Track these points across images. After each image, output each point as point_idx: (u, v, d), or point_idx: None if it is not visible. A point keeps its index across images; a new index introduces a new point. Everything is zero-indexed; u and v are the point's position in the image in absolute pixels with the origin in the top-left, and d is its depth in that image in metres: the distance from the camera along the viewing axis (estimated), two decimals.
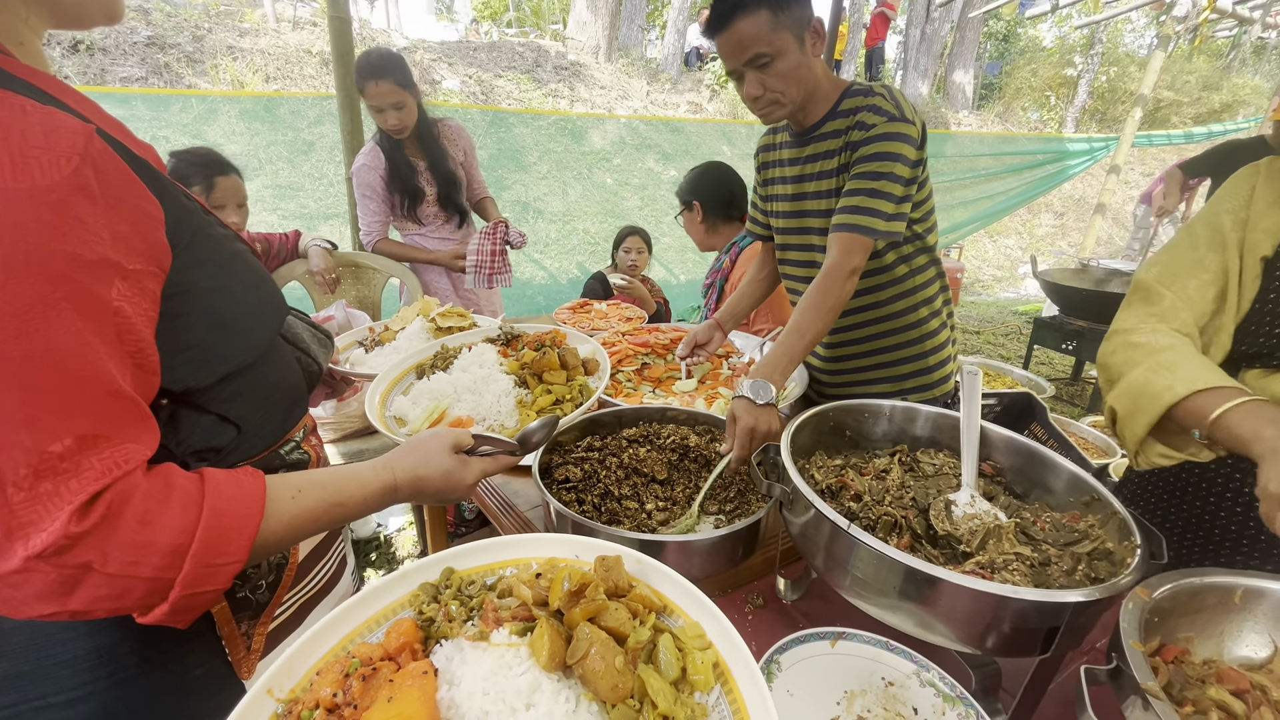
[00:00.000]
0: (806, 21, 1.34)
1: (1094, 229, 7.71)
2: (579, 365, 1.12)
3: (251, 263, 0.75)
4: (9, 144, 0.47)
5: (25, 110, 0.49)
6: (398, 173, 2.48)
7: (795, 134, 1.53)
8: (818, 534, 0.84)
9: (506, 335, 1.23)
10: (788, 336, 1.30)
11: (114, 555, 0.51)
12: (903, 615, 0.76)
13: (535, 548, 0.73)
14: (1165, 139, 10.16)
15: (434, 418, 1.02)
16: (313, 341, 0.90)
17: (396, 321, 1.43)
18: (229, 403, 0.68)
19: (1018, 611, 0.68)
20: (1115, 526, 0.83)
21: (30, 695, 0.61)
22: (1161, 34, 6.91)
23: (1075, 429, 3.11)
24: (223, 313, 0.66)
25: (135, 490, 0.53)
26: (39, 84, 0.56)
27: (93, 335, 0.51)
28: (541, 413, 1.00)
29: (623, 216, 6.71)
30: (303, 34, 7.38)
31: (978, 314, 7.21)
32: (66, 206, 0.49)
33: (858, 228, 1.33)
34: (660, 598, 0.67)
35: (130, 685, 0.65)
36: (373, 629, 0.64)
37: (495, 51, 8.88)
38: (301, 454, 0.83)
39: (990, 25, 15.57)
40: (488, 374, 1.09)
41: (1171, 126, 13.11)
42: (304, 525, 0.66)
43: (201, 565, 0.55)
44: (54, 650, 0.62)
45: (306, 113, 5.56)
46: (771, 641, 0.89)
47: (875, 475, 1.00)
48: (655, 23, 15.45)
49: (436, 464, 0.77)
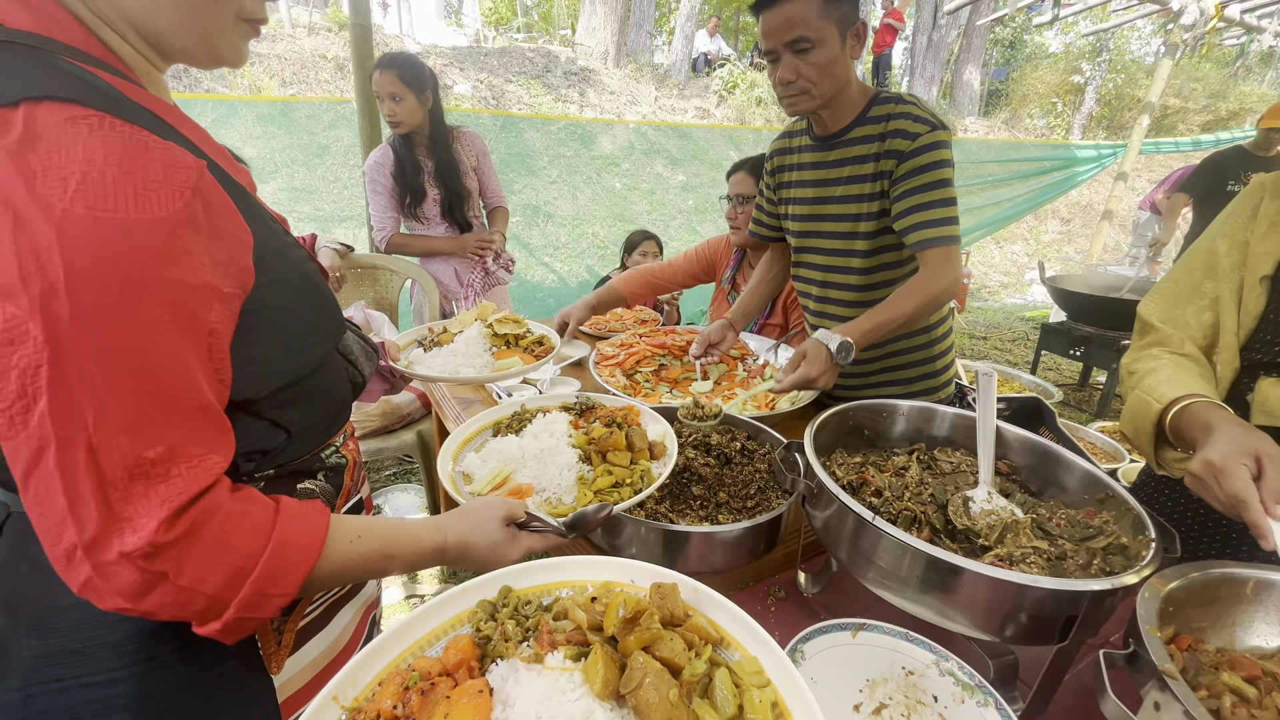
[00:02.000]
0: (852, 21, 1.36)
1: (1101, 235, 7.71)
2: (645, 449, 1.09)
3: (319, 283, 0.78)
4: (133, 178, 0.52)
5: (148, 146, 0.54)
6: (403, 169, 2.56)
7: (819, 137, 1.54)
8: (842, 527, 0.87)
9: (582, 406, 1.21)
10: (880, 309, 1.35)
11: (187, 569, 0.55)
12: (924, 605, 0.79)
13: (591, 570, 0.73)
14: (1173, 146, 10.15)
15: (497, 481, 1.01)
16: (360, 354, 0.93)
17: (455, 324, 1.45)
18: (281, 409, 0.71)
19: (1036, 600, 0.71)
20: (1129, 522, 0.86)
21: (76, 672, 0.64)
22: (1169, 41, 6.92)
23: (1084, 434, 3.13)
24: (287, 330, 0.69)
25: (218, 509, 0.58)
26: (161, 114, 0.61)
27: (190, 354, 0.56)
28: (600, 494, 0.97)
29: (632, 220, 6.76)
30: (318, 39, 7.48)
31: (984, 319, 7.22)
32: (177, 236, 0.54)
33: (947, 239, 1.36)
34: (716, 629, 0.65)
35: (167, 671, 0.67)
36: (432, 643, 0.65)
37: (506, 57, 8.97)
38: (340, 458, 0.86)
39: (997, 32, 15.60)
40: (556, 444, 1.07)
41: (1179, 134, 13.09)
42: (354, 570, 0.69)
43: (258, 592, 0.59)
44: (101, 631, 0.64)
45: (322, 117, 5.64)
46: (793, 632, 0.92)
47: (894, 472, 1.03)
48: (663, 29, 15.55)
49: (486, 534, 0.78)
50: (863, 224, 1.51)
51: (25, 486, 0.52)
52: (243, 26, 0.66)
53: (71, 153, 0.50)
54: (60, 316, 0.49)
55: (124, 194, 0.51)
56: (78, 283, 0.49)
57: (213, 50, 0.65)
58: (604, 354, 1.80)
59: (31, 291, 0.48)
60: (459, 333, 1.42)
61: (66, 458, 0.51)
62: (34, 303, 0.48)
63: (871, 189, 1.46)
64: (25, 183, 0.48)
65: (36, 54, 0.54)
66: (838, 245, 1.58)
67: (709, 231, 7.12)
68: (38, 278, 0.48)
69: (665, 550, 1.01)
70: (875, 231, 1.50)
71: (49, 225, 0.48)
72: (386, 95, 2.42)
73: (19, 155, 0.48)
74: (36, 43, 0.55)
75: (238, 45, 0.67)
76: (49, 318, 0.49)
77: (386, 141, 2.61)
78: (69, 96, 0.51)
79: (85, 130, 0.51)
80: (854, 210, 1.51)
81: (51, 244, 0.48)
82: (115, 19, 0.60)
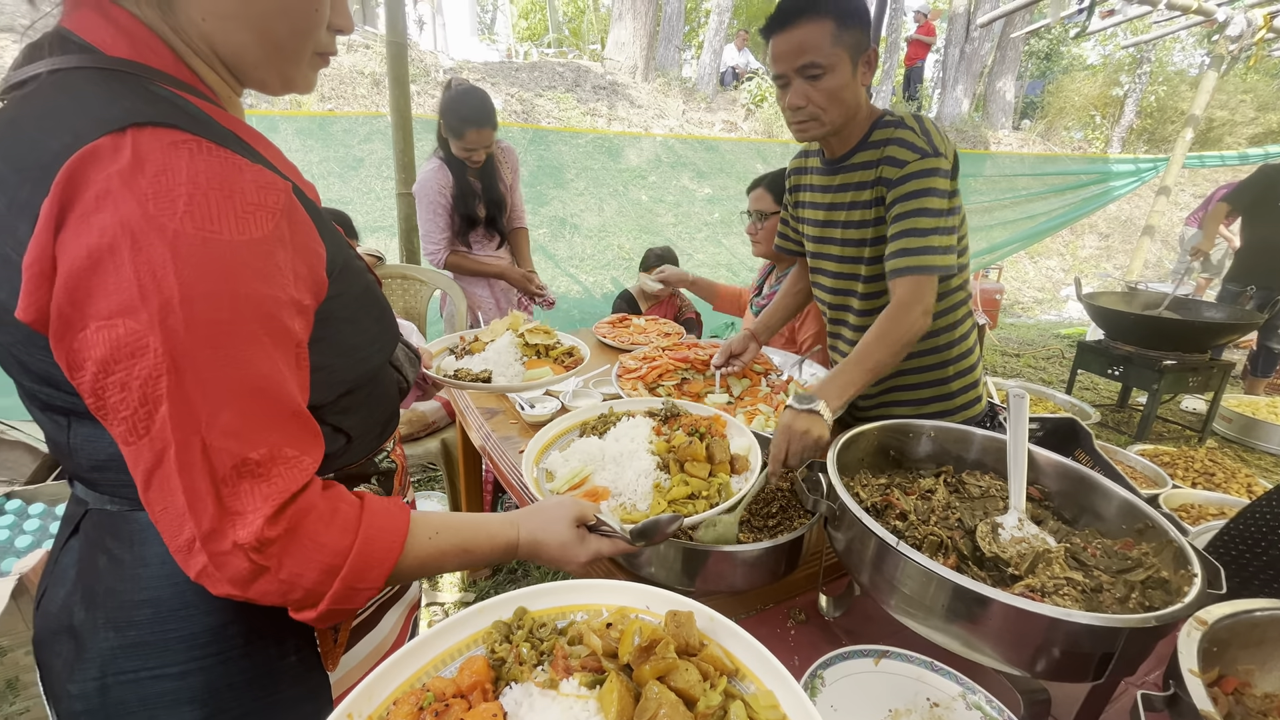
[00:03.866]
0: (864, 48, 1.35)
1: (1141, 251, 7.48)
2: (726, 461, 1.05)
3: (378, 294, 0.82)
4: (233, 201, 0.56)
5: (242, 169, 0.57)
6: (463, 196, 2.63)
7: (826, 161, 1.54)
8: (864, 550, 0.85)
9: (667, 412, 1.18)
10: (847, 362, 1.31)
11: (286, 564, 0.59)
12: (951, 635, 0.77)
13: (607, 594, 0.73)
14: (1218, 160, 9.81)
15: (576, 480, 1.02)
16: (405, 361, 0.96)
17: (486, 334, 1.47)
18: (342, 415, 0.75)
19: (1071, 635, 0.68)
20: (1171, 555, 0.82)
21: (150, 665, 0.66)
22: (1214, 53, 6.72)
23: (1123, 457, 3.01)
24: (350, 340, 0.73)
25: (312, 508, 0.61)
26: (244, 136, 0.66)
27: (283, 363, 0.60)
28: (674, 504, 0.95)
29: (657, 233, 6.78)
30: (356, 56, 7.72)
31: (1017, 336, 7.04)
32: (271, 255, 0.58)
33: (918, 268, 1.33)
34: (732, 659, 0.65)
35: (233, 665, 0.69)
36: (447, 663, 0.66)
37: (536, 71, 9.13)
38: (390, 462, 0.89)
39: (1032, 44, 15.33)
40: (635, 449, 1.06)
41: (1225, 147, 12.65)
42: (433, 564, 0.72)
43: (347, 587, 0.63)
44: (174, 625, 0.67)
45: (357, 130, 5.80)
46: (813, 657, 0.90)
47: (920, 495, 1.00)
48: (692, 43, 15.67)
49: (556, 533, 0.80)
50: (866, 249, 1.50)
51: (148, 485, 0.56)
52: (316, 60, 0.71)
53: (177, 175, 0.53)
54: (176, 329, 0.52)
55: (227, 216, 0.55)
56: (191, 297, 0.53)
57: (288, 81, 0.70)
58: (626, 367, 1.80)
59: (150, 307, 0.52)
60: (490, 342, 1.44)
61: (185, 458, 0.54)
62: (153, 317, 0.52)
63: (871, 215, 1.46)
64: (139, 204, 0.51)
65: (136, 80, 0.58)
66: (844, 269, 1.59)
67: (734, 245, 7.10)
68: (155, 294, 0.52)
69: (684, 568, 1.00)
70: (875, 258, 1.48)
71: (164, 245, 0.52)
72: (482, 148, 2.52)
73: (131, 178, 0.51)
74: (135, 70, 0.59)
75: (310, 76, 0.72)
76: (166, 330, 0.52)
77: (439, 159, 2.63)
78: (169, 122, 0.55)
79: (186, 155, 0.54)
80: (856, 235, 1.51)
81: (166, 262, 0.52)
82: (204, 49, 0.64)
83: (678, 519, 0.84)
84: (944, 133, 1.41)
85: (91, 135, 0.52)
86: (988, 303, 6.79)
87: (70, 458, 0.66)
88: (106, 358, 0.52)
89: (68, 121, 0.53)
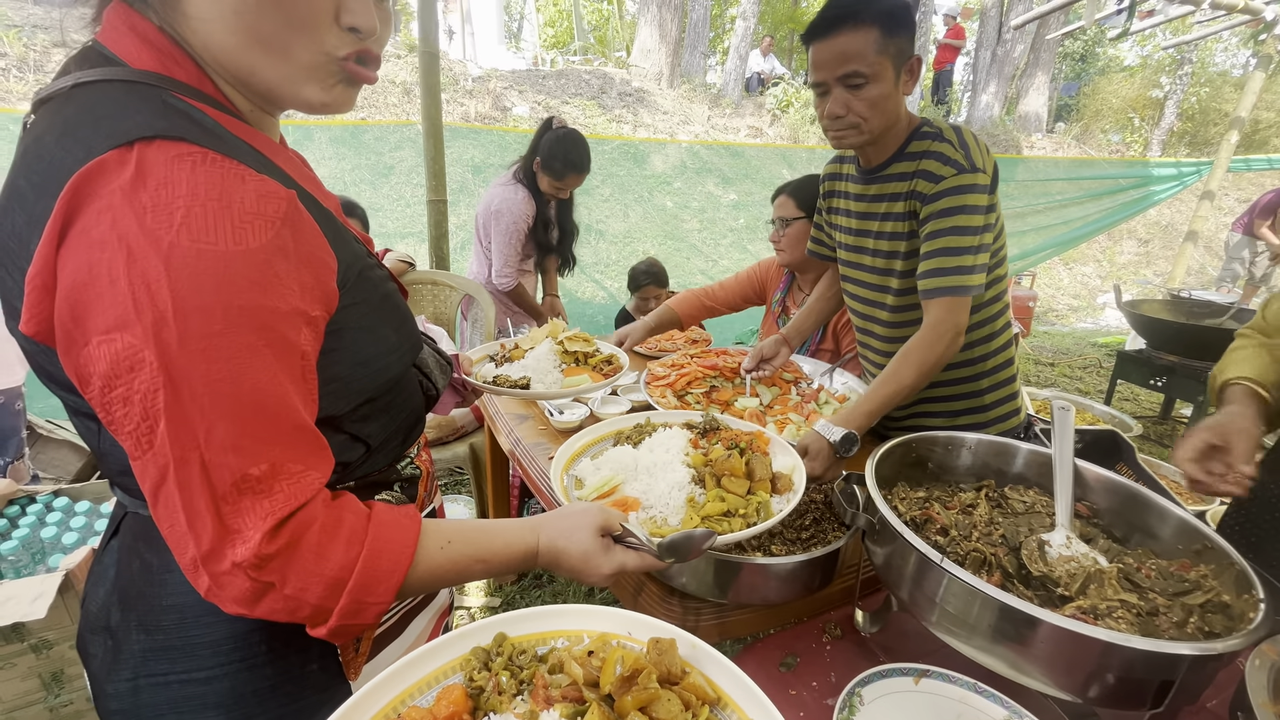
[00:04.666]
0: (908, 56, 1.32)
1: (1184, 257, 7.22)
2: (766, 479, 1.00)
3: (398, 303, 0.80)
4: (230, 211, 0.54)
5: (244, 179, 0.56)
6: (544, 225, 2.80)
7: (862, 170, 1.51)
8: (904, 566, 0.83)
9: (706, 425, 1.14)
10: (878, 385, 1.29)
11: (290, 579, 0.58)
12: (996, 656, 0.74)
13: (588, 620, 0.71)
14: (1265, 163, 9.45)
15: (605, 489, 0.98)
16: (435, 368, 0.94)
17: (526, 341, 1.48)
18: (361, 424, 0.73)
19: (1127, 661, 0.65)
20: (1232, 578, 0.78)
21: (178, 669, 0.67)
22: (1260, 53, 6.48)
23: (1166, 471, 2.90)
24: (367, 350, 0.71)
25: (314, 521, 0.60)
26: (259, 147, 0.64)
27: (285, 376, 0.58)
28: (707, 520, 0.90)
29: (682, 239, 6.78)
30: (388, 66, 7.89)
31: (1052, 345, 6.85)
32: (270, 265, 0.57)
33: (952, 289, 1.31)
34: (714, 688, 0.64)
35: (258, 671, 0.69)
36: (424, 690, 0.64)
37: (563, 79, 9.23)
38: (414, 469, 0.88)
39: (1066, 45, 14.98)
40: (670, 460, 1.01)
41: (1272, 149, 12.19)
42: (447, 575, 0.70)
43: (355, 601, 0.61)
44: (199, 631, 0.67)
45: (388, 139, 5.93)
46: (849, 674, 0.87)
47: (961, 509, 0.97)
48: (717, 49, 15.67)
49: (578, 541, 0.76)
50: (898, 262, 1.47)
51: (155, 502, 0.56)
52: (339, 69, 0.64)
53: (177, 188, 0.52)
54: (170, 344, 0.52)
55: (223, 226, 0.54)
56: (184, 311, 0.52)
57: (301, 97, 0.64)
58: (655, 374, 1.80)
59: (145, 321, 0.51)
60: (530, 349, 1.45)
61: (183, 475, 0.54)
62: (147, 331, 0.51)
63: (904, 228, 1.43)
64: (137, 218, 0.51)
65: (155, 92, 0.58)
66: (875, 280, 1.56)
67: (760, 250, 7.06)
68: (149, 308, 0.51)
69: (716, 580, 0.99)
70: (907, 271, 1.45)
71: (158, 258, 0.51)
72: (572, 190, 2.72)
73: (132, 193, 0.51)
74: (155, 81, 0.59)
75: (338, 91, 0.65)
76: (161, 345, 0.51)
77: (520, 184, 2.73)
78: (176, 134, 0.54)
79: (189, 166, 0.53)
80: (888, 248, 1.48)
81: (160, 275, 0.51)
82: (211, 61, 0.63)
83: (711, 535, 0.78)
84: (983, 144, 1.37)
85: (101, 149, 0.51)
86: (1020, 310, 6.62)
87: (103, 461, 0.67)
88: (108, 373, 0.52)
89: (83, 136, 0.53)
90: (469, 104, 7.75)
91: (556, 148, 2.61)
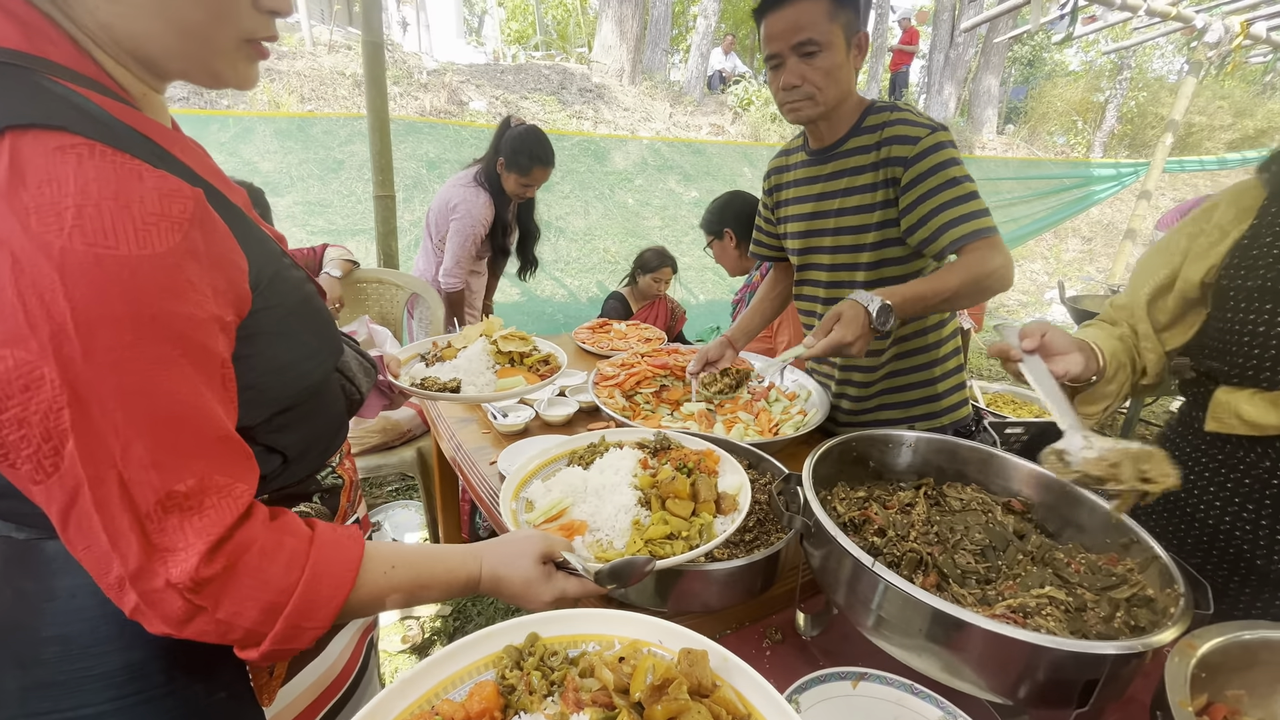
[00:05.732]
0: (856, 29, 1.34)
1: (1124, 255, 7.55)
2: (711, 500, 0.99)
3: (318, 306, 0.76)
4: (130, 211, 0.50)
5: (142, 175, 0.52)
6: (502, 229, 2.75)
7: (814, 152, 1.51)
8: (840, 570, 0.81)
9: (658, 444, 1.11)
10: (923, 280, 1.27)
11: (224, 604, 0.56)
12: (929, 659, 0.73)
13: (620, 626, 0.71)
14: (1198, 165, 9.93)
15: (554, 513, 0.97)
16: (359, 371, 0.91)
17: (459, 340, 1.40)
18: (277, 434, 0.69)
19: (1054, 662, 0.64)
20: (1156, 571, 0.79)
21: (62, 705, 0.62)
22: (1193, 59, 6.81)
23: None
24: (283, 356, 0.68)
25: (253, 543, 0.57)
26: (155, 137, 0.59)
27: (205, 386, 0.55)
28: (650, 544, 0.90)
29: (643, 236, 6.75)
30: (337, 57, 7.63)
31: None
32: (180, 270, 0.53)
33: (982, 231, 1.26)
34: (744, 703, 0.62)
35: (155, 705, 0.65)
36: (457, 685, 0.65)
37: (522, 74, 9.08)
38: (336, 479, 0.84)
39: (1015, 50, 15.51)
40: (619, 482, 1.00)
41: (1204, 152, 12.85)
42: (386, 601, 0.68)
43: (291, 626, 0.59)
44: (88, 663, 0.62)
45: (338, 132, 5.72)
46: (789, 679, 0.85)
47: (900, 509, 0.97)
48: (679, 46, 15.70)
49: (519, 569, 0.76)
50: (866, 235, 1.46)
51: (65, 526, 0.52)
52: (247, 49, 0.63)
53: (64, 185, 0.48)
54: (73, 358, 0.48)
55: (123, 229, 0.49)
56: (86, 322, 0.48)
57: (215, 74, 0.62)
58: (604, 374, 1.76)
59: (40, 335, 0.47)
60: (462, 348, 1.38)
61: (100, 495, 0.51)
62: (44, 346, 0.47)
63: (872, 199, 1.41)
64: (20, 221, 0.46)
65: (24, 74, 0.52)
66: (840, 260, 1.54)
67: None
68: (45, 320, 0.47)
69: (656, 587, 0.96)
70: (879, 243, 1.45)
71: (49, 265, 0.47)
72: (538, 185, 2.66)
73: (9, 192, 0.46)
74: (24, 62, 0.52)
75: (242, 68, 0.63)
76: (62, 360, 0.48)
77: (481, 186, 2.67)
78: (56, 124, 0.49)
79: (75, 160, 0.49)
80: (854, 223, 1.47)
81: (55, 284, 0.47)
82: (105, 40, 0.57)
83: (651, 561, 0.79)
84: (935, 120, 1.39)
85: None
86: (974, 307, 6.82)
87: None
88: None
89: None
90: (424, 98, 7.54)
91: (520, 144, 2.57)
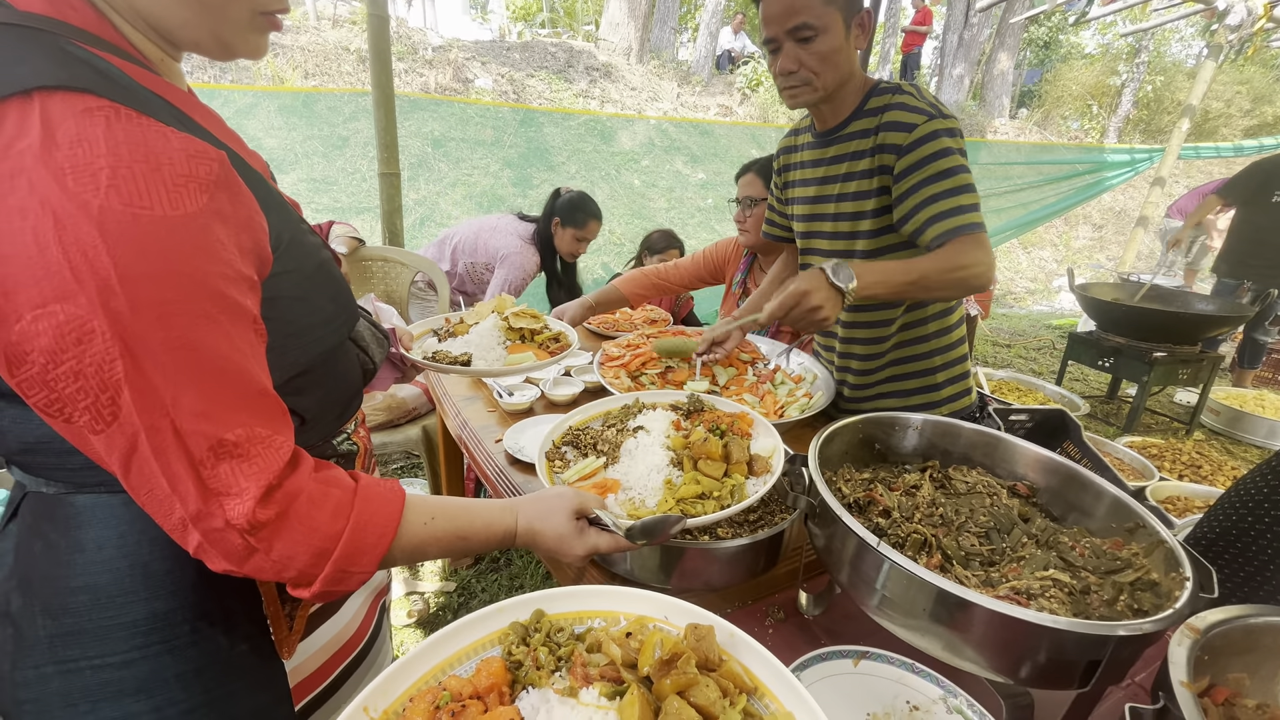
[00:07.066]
0: (857, 9, 1.30)
1: (1135, 242, 7.47)
2: (743, 461, 0.99)
3: (333, 272, 0.78)
4: (161, 173, 0.51)
5: (167, 137, 0.53)
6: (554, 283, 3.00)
7: (818, 134, 1.48)
8: (844, 549, 0.81)
9: (691, 406, 1.11)
10: (894, 262, 1.25)
11: (277, 547, 0.59)
12: (931, 638, 0.73)
13: (625, 602, 0.72)
14: (1213, 151, 9.77)
15: (588, 471, 0.98)
16: (372, 341, 0.92)
17: (471, 315, 1.41)
18: (295, 396, 0.70)
19: (1056, 642, 0.64)
20: (1161, 556, 0.79)
21: (90, 653, 0.63)
22: (1212, 43, 6.66)
23: (1111, 449, 3.01)
24: (301, 320, 0.69)
25: (302, 491, 0.60)
26: (176, 102, 0.60)
27: (243, 342, 0.57)
28: (682, 503, 0.91)
29: (649, 218, 6.69)
30: (342, 32, 7.53)
31: (1009, 327, 7.04)
32: (209, 230, 0.55)
33: (967, 226, 1.24)
34: (751, 677, 0.63)
35: (179, 654, 0.66)
36: (463, 660, 0.66)
37: (528, 51, 8.95)
38: (351, 445, 0.86)
39: (1031, 31, 15.18)
40: (651, 442, 1.01)
41: (1221, 138, 12.63)
42: (427, 550, 0.71)
43: (339, 570, 0.62)
44: (114, 612, 0.64)
45: (343, 109, 5.66)
46: (791, 657, 0.86)
47: (905, 491, 0.97)
48: (687, 25, 15.42)
49: (553, 524, 0.79)
50: (863, 222, 1.43)
51: (127, 472, 0.54)
52: (260, 20, 0.64)
53: (95, 146, 0.49)
54: (121, 311, 0.50)
55: (156, 190, 0.51)
56: (130, 278, 0.50)
57: (227, 45, 0.64)
58: (609, 355, 1.75)
59: (88, 290, 0.48)
60: (474, 324, 1.38)
61: (156, 442, 0.53)
62: (92, 300, 0.49)
63: (869, 185, 1.38)
64: (57, 181, 0.47)
65: (48, 38, 0.53)
66: (839, 246, 1.52)
67: (728, 230, 7.00)
68: (90, 275, 0.48)
69: (661, 564, 0.96)
70: (876, 230, 1.42)
71: (90, 223, 0.48)
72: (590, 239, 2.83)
73: (44, 153, 0.47)
74: (47, 26, 0.54)
75: (253, 39, 0.65)
76: (111, 313, 0.49)
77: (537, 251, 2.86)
78: (82, 86, 0.50)
79: (103, 122, 0.50)
80: (852, 209, 1.44)
81: (96, 241, 0.48)
82: (124, 7, 0.59)
83: (682, 519, 0.81)
84: (943, 106, 1.34)
85: None
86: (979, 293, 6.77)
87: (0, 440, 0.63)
88: (52, 347, 0.49)
89: None
90: (429, 74, 7.45)
91: (575, 203, 2.81)
